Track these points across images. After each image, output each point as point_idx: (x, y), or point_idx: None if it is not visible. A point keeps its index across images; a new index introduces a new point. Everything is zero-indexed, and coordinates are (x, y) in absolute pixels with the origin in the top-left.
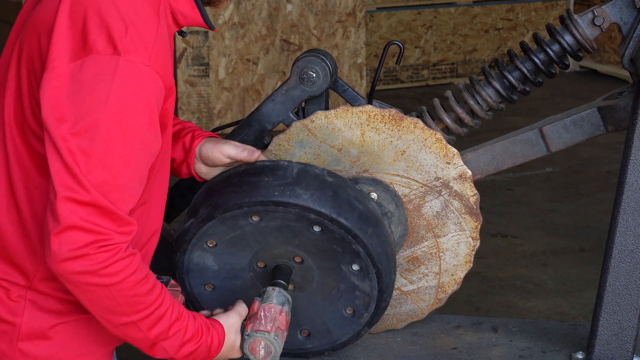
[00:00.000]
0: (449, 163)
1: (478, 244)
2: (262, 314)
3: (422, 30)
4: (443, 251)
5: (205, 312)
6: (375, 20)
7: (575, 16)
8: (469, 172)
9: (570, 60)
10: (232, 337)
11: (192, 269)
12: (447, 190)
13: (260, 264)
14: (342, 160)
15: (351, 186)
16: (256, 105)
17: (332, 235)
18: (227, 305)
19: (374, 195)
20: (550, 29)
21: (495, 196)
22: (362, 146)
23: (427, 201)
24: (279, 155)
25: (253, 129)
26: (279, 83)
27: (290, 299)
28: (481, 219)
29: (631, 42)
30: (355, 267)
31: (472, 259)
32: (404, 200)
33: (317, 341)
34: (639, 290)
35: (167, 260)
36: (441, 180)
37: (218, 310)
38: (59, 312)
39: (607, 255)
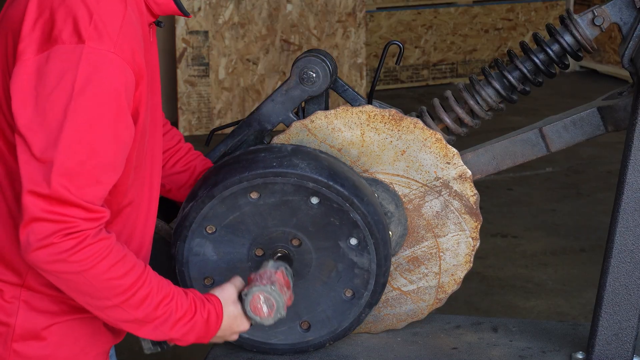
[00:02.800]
0: (449, 163)
1: (478, 244)
2: (257, 277)
3: (422, 30)
4: (443, 251)
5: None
6: (375, 20)
7: (575, 16)
8: (469, 172)
9: (570, 60)
10: (230, 308)
11: (191, 260)
12: (447, 190)
13: (259, 252)
14: (342, 160)
15: (342, 162)
16: (256, 105)
17: (329, 206)
18: None
19: None
20: (550, 29)
21: (495, 196)
22: (362, 146)
23: (427, 201)
24: None
25: (253, 129)
26: (279, 83)
27: (287, 267)
28: (481, 219)
29: (631, 42)
30: (353, 241)
31: (472, 259)
32: (404, 200)
33: (317, 332)
34: (639, 290)
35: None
36: (441, 180)
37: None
38: (53, 313)
39: (607, 255)
